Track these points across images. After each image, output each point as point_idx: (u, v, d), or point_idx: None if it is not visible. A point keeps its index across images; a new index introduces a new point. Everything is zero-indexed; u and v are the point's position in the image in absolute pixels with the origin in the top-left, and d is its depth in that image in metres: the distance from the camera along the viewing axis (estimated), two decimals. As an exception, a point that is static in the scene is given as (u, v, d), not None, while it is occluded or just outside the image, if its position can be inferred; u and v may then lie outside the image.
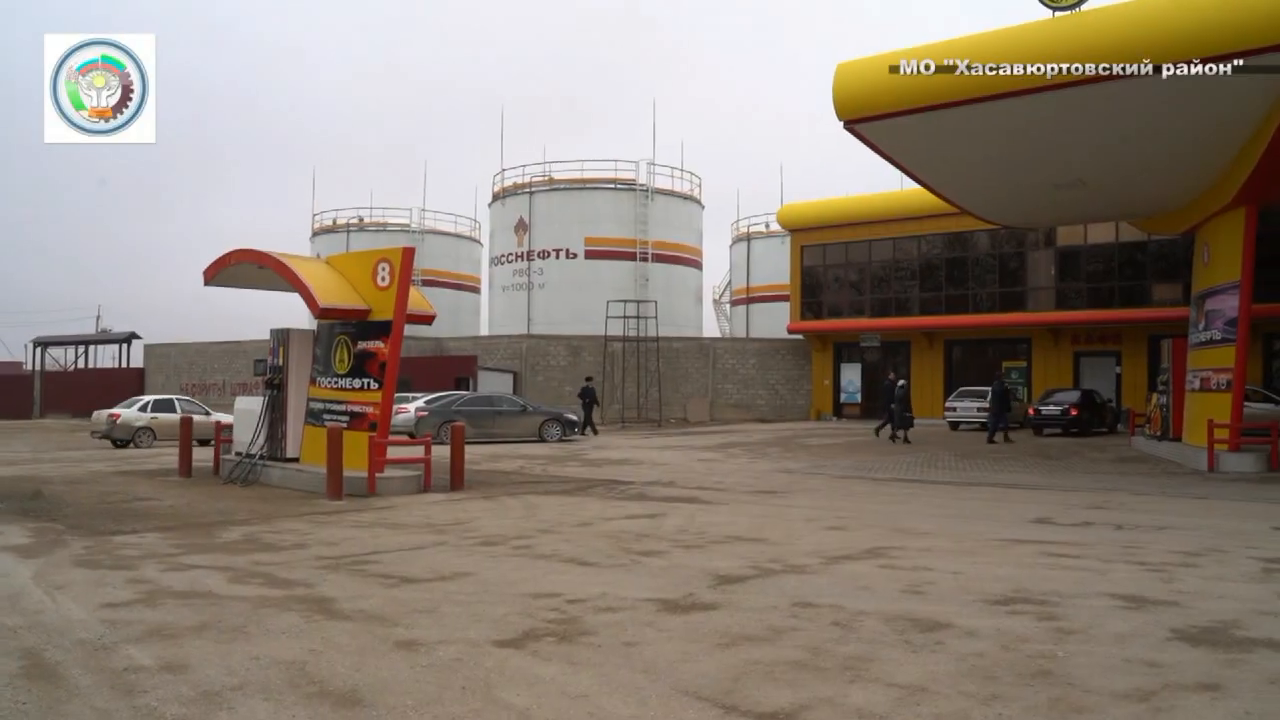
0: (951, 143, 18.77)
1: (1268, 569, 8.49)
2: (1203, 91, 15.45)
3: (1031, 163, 20.22)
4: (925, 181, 22.18)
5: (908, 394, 26.77)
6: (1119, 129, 17.74)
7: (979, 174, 21.65)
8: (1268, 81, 14.92)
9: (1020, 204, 24.82)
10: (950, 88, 16.10)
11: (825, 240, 40.06)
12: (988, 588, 7.65)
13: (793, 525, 11.43)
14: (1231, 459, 18.13)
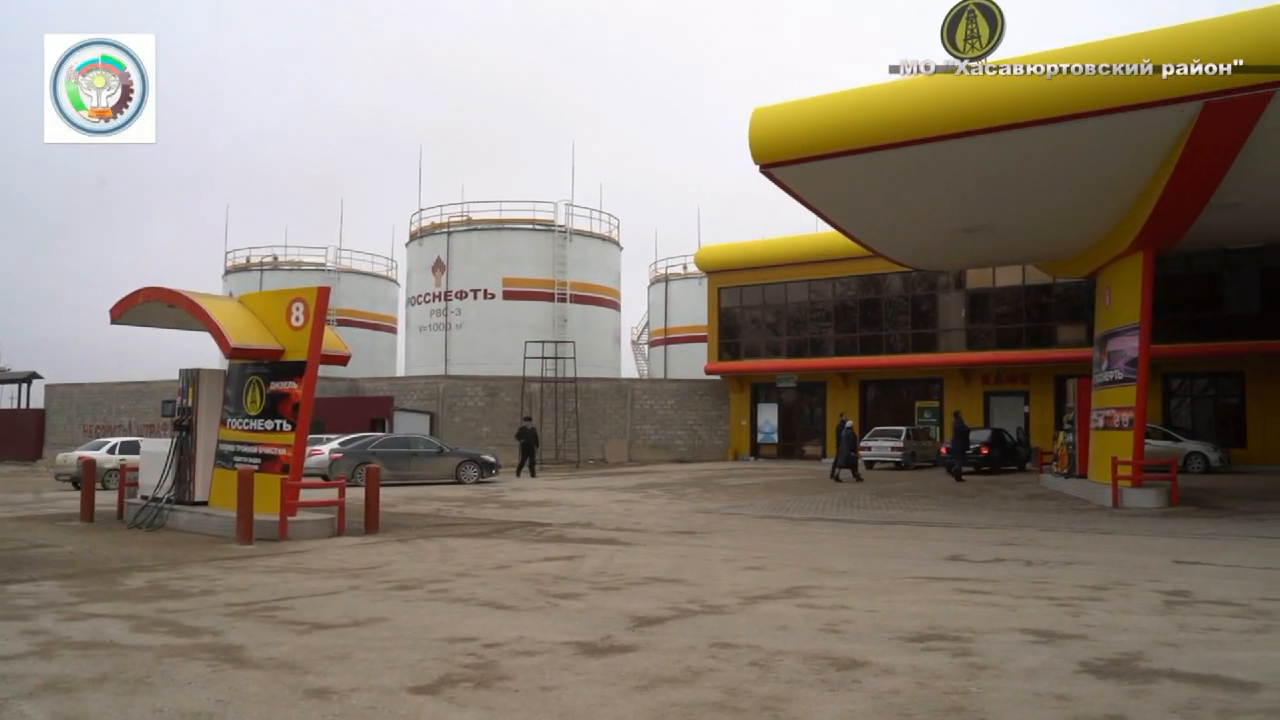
0: (863, 187, 19.17)
1: (1169, 601, 8.73)
2: (1102, 142, 16.06)
3: (941, 207, 20.73)
4: (839, 224, 22.59)
5: (853, 433, 27.18)
6: (1024, 176, 18.30)
7: (890, 218, 22.11)
8: (1161, 134, 15.54)
9: (931, 247, 25.40)
10: (860, 134, 16.48)
11: (742, 282, 40.52)
12: (903, 625, 7.73)
13: (711, 566, 11.44)
14: (1134, 495, 18.65)
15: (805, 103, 17.44)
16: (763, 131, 17.23)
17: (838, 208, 21.24)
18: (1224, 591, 9.25)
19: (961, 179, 18.52)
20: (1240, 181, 16.71)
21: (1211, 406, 32.88)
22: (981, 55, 15.67)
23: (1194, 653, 6.78)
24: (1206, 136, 15.02)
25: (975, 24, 15.70)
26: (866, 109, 16.53)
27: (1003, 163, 17.39)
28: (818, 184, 19.01)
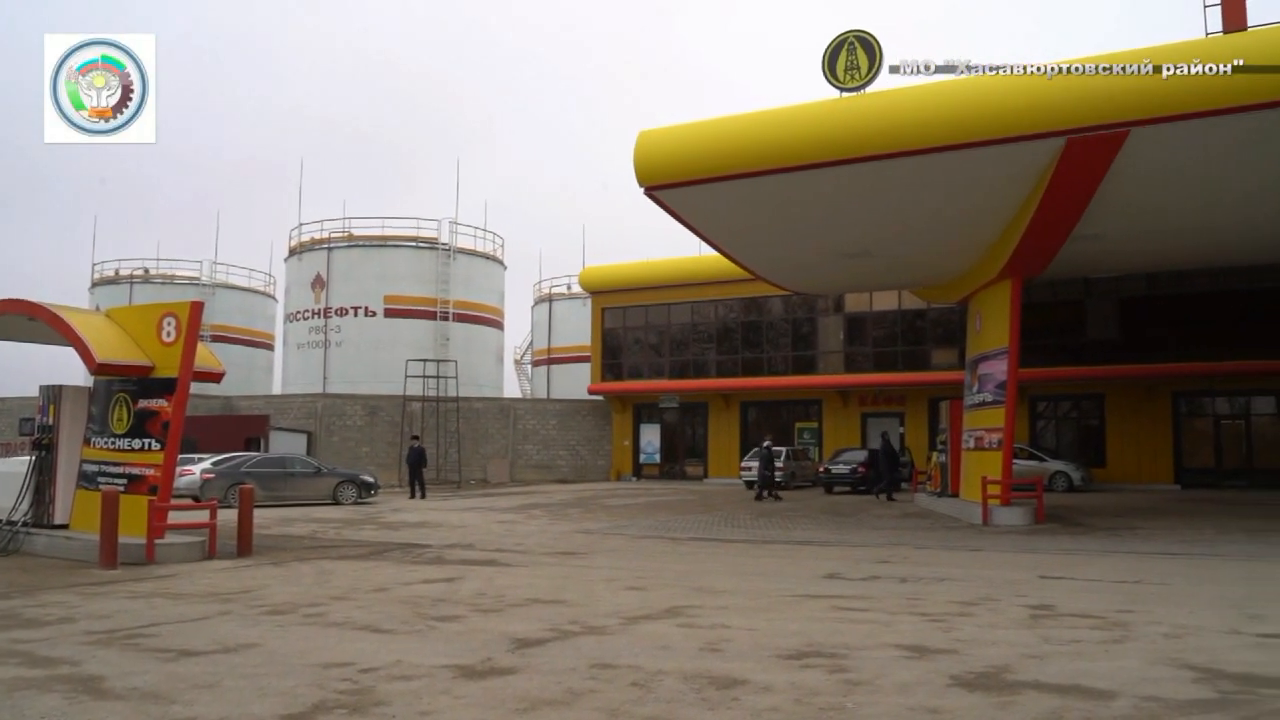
0: (745, 211, 19.48)
1: (1035, 615, 9.05)
2: (973, 174, 16.68)
3: (820, 233, 21.20)
4: (721, 248, 22.91)
5: (768, 453, 27.68)
6: (899, 205, 18.85)
7: (772, 242, 22.52)
8: (1028, 169, 16.21)
9: (811, 271, 25.94)
10: (744, 159, 16.78)
11: (626, 303, 40.72)
12: (782, 643, 7.84)
13: (592, 586, 11.42)
14: (1003, 513, 19.29)
15: (690, 126, 17.68)
16: (648, 154, 17.39)
17: (720, 231, 21.55)
18: (1085, 604, 9.63)
19: (841, 206, 18.98)
20: (1100, 215, 17.52)
21: (1074, 428, 34.30)
22: (861, 86, 16.15)
23: (1057, 664, 7.04)
24: (1069, 171, 15.72)
25: (855, 55, 16.17)
26: (750, 135, 16.85)
27: (881, 191, 17.89)
28: (701, 207, 19.25)
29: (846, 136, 16.03)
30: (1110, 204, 17.14)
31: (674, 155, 17.43)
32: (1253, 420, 31.86)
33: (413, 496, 29.51)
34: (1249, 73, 13.54)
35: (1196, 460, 31.90)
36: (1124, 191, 16.75)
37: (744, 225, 20.92)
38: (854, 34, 16.29)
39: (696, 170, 17.24)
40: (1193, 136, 14.81)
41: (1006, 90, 15.34)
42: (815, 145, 16.27)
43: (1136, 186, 16.78)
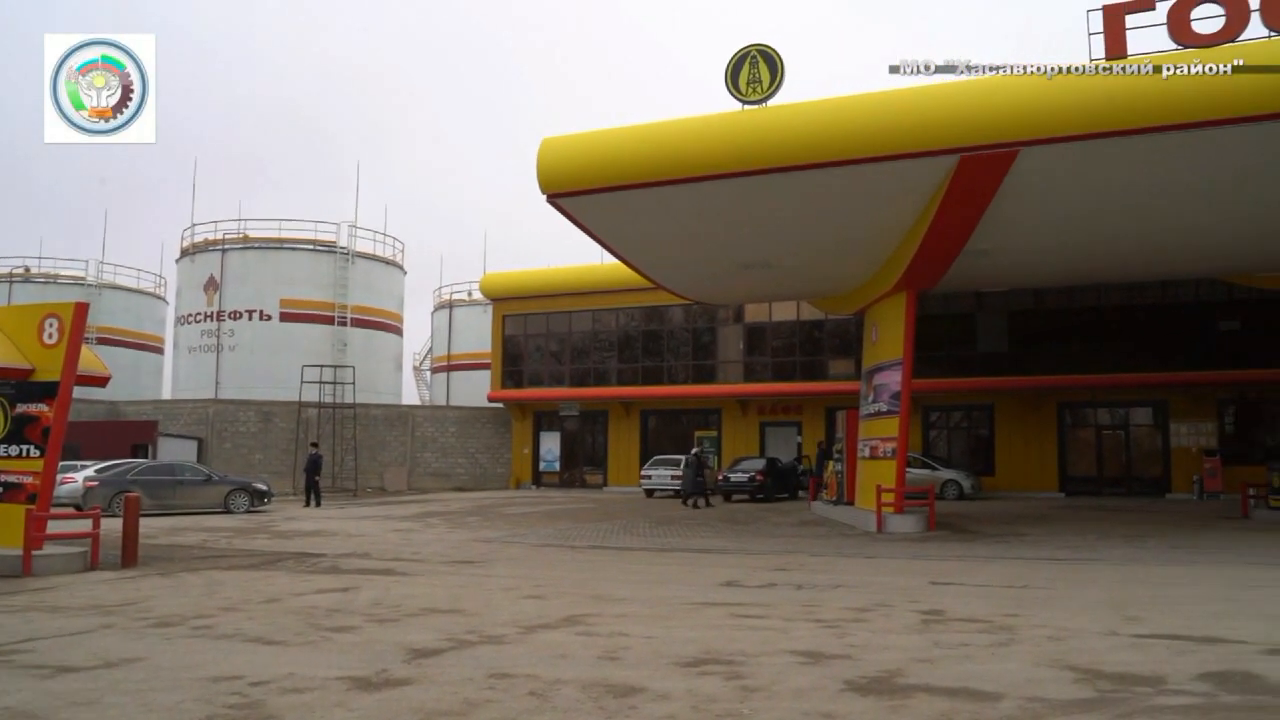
0: (647, 221, 19.59)
1: (926, 620, 9.27)
2: (870, 188, 17.04)
3: (721, 243, 21.42)
4: (623, 256, 22.98)
5: (698, 460, 28.15)
6: (798, 217, 19.14)
7: (673, 252, 22.67)
8: (923, 184, 16.62)
9: (712, 281, 26.18)
10: (646, 168, 16.87)
11: (527, 310, 40.56)
12: (680, 650, 7.88)
13: (490, 595, 11.34)
14: (896, 520, 19.70)
15: (594, 135, 17.71)
16: (551, 161, 17.36)
17: (622, 240, 21.62)
18: (974, 609, 9.89)
19: (742, 217, 19.20)
20: (991, 231, 18.05)
21: (966, 437, 35.22)
22: (763, 99, 16.38)
23: (947, 667, 7.22)
24: (962, 188, 16.16)
25: (757, 69, 16.40)
26: (653, 145, 16.94)
27: (781, 203, 18.15)
28: (603, 216, 19.30)
29: (747, 149, 16.23)
30: (1001, 220, 17.67)
31: (577, 163, 17.44)
32: (1131, 430, 33.13)
33: (308, 505, 28.92)
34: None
35: (1080, 468, 33.04)
36: (1014, 209, 17.29)
37: (646, 234, 21.03)
38: (756, 48, 16.52)
39: (599, 179, 17.27)
40: (1078, 157, 15.38)
41: (903, 107, 15.72)
42: (717, 157, 16.43)
43: (1025, 204, 17.34)
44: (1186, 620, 9.18)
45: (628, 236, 21.30)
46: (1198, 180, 16.69)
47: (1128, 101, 14.32)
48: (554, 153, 17.42)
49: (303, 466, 30.88)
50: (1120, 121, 14.36)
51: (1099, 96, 14.49)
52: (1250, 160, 15.62)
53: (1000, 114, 15.04)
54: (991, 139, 15.05)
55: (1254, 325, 30.63)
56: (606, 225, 20.13)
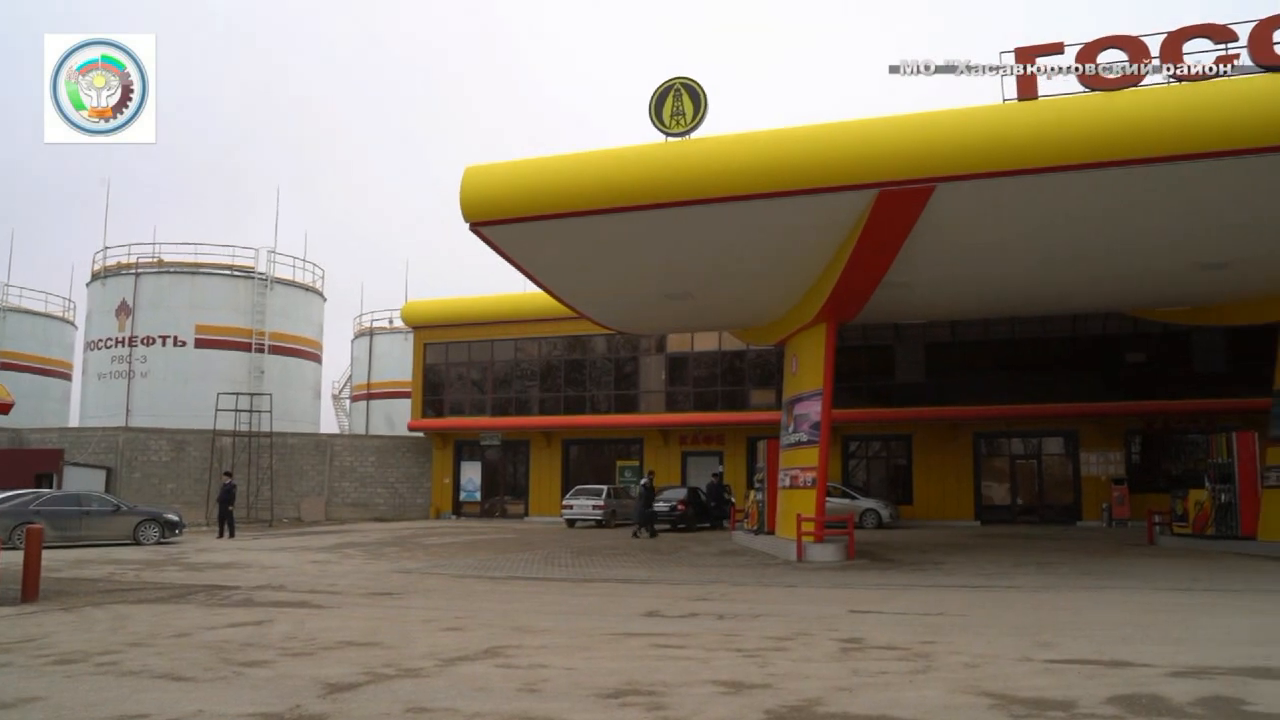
0: (570, 250, 19.61)
1: (845, 649, 9.35)
2: (791, 221, 17.28)
3: (644, 274, 21.52)
4: (546, 286, 22.95)
5: (650, 490, 28.47)
6: (721, 248, 19.32)
7: (596, 281, 22.71)
8: (843, 218, 16.91)
9: (634, 311, 26.27)
10: (569, 199, 16.90)
11: (449, 339, 40.26)
12: (601, 682, 7.84)
13: (409, 627, 11.17)
14: (816, 549, 19.87)
15: (518, 164, 17.71)
16: (474, 190, 17.31)
17: (545, 269, 21.60)
18: (892, 637, 10.01)
19: (665, 248, 19.32)
20: (909, 264, 18.43)
21: (884, 466, 35.72)
22: (687, 131, 16.55)
23: (866, 695, 7.28)
24: (881, 222, 16.48)
25: (681, 102, 16.58)
26: (577, 175, 16.99)
27: (703, 234, 18.31)
28: (526, 245, 19.27)
29: (670, 180, 16.37)
30: (918, 254, 18.04)
31: (500, 192, 17.41)
32: (1044, 460, 33.94)
33: (221, 536, 28.21)
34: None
35: (994, 497, 33.74)
36: (931, 242, 17.67)
37: (569, 264, 21.04)
38: (680, 81, 16.71)
39: (522, 208, 17.25)
40: (991, 194, 15.80)
41: (824, 142, 16.01)
42: (640, 188, 16.53)
43: (942, 238, 17.74)
44: (1096, 645, 9.39)
45: (550, 266, 21.29)
46: (1101, 218, 17.26)
47: (1038, 141, 14.79)
48: (477, 181, 17.38)
49: (216, 497, 30.16)
50: (1030, 160, 14.81)
51: (1011, 136, 14.94)
52: (1150, 199, 16.20)
53: (918, 150, 15.39)
54: (909, 174, 15.37)
55: (1159, 358, 31.70)
56: (529, 254, 20.10)
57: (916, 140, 15.46)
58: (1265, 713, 6.66)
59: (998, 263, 20.21)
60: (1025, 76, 15.03)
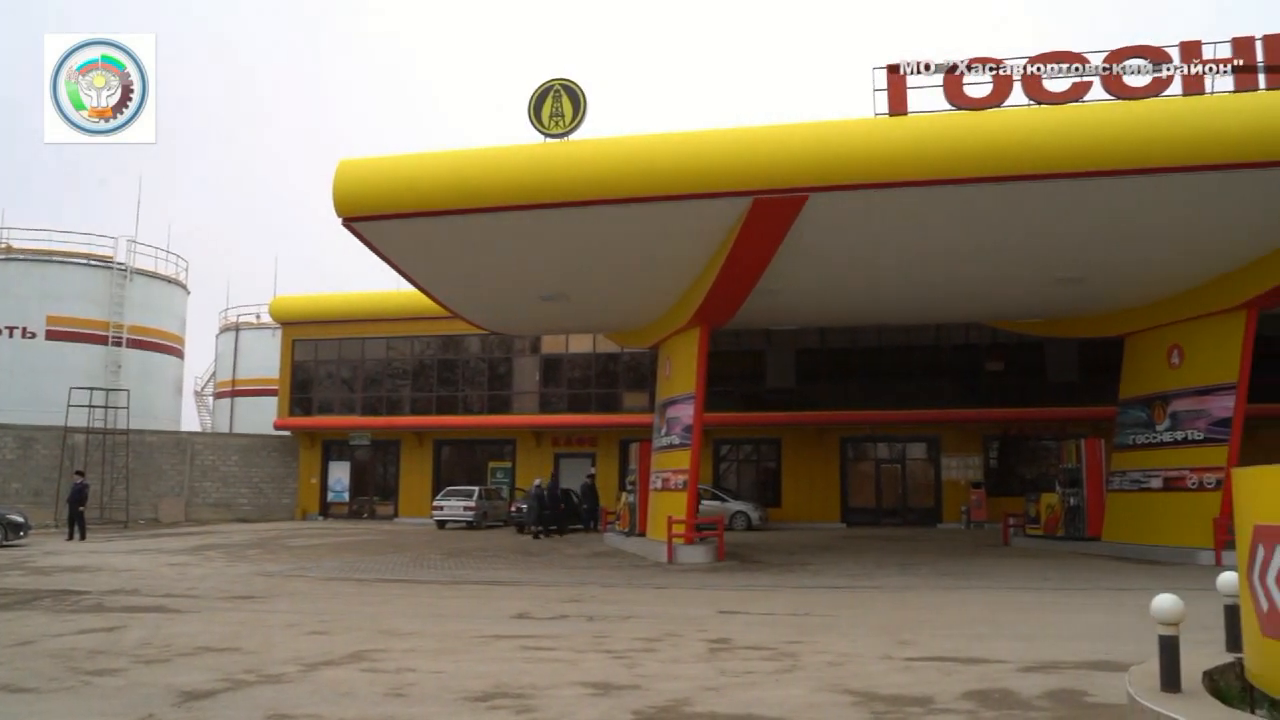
0: (445, 249, 19.39)
1: (713, 649, 9.47)
2: (667, 226, 17.43)
3: (519, 274, 21.40)
4: (420, 284, 22.63)
5: (542, 492, 28.63)
6: (596, 251, 19.37)
7: (471, 281, 22.49)
8: (718, 224, 17.12)
9: (509, 312, 26.12)
10: (444, 197, 16.70)
11: (319, 335, 39.33)
12: (469, 685, 7.77)
13: (271, 632, 10.88)
14: (687, 551, 20.08)
15: (393, 159, 17.43)
16: (348, 184, 16.95)
17: (419, 268, 21.31)
18: (759, 637, 10.18)
19: (541, 249, 19.27)
20: (781, 271, 18.77)
21: (754, 470, 36.27)
22: (565, 133, 16.54)
23: (732, 694, 7.40)
24: (755, 229, 16.74)
25: (560, 103, 16.57)
26: (454, 173, 16.80)
27: (579, 236, 18.32)
28: (400, 242, 18.97)
29: (547, 182, 16.33)
30: (791, 261, 18.39)
31: (375, 187, 17.10)
32: (908, 464, 34.95)
33: (71, 538, 26.97)
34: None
35: (860, 500, 34.58)
36: (803, 251, 18.03)
37: (443, 262, 20.81)
38: (560, 82, 16.71)
39: (397, 204, 16.99)
40: (861, 205, 16.23)
41: (701, 148, 16.20)
42: (517, 188, 16.45)
43: (814, 247, 18.12)
44: (954, 643, 9.74)
45: (425, 264, 21.02)
46: (964, 232, 17.92)
47: (905, 155, 15.26)
48: (351, 176, 17.03)
49: (66, 497, 28.82)
50: (898, 174, 15.28)
51: (880, 149, 15.38)
52: (1010, 215, 16.90)
53: (793, 160, 15.70)
54: (784, 183, 15.67)
55: (1016, 367, 32.97)
56: (403, 252, 19.80)
57: (791, 150, 15.78)
58: (1104, 703, 7.01)
59: (866, 272, 20.78)
60: (896, 92, 15.48)
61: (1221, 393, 20.19)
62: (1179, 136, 14.79)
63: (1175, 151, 14.76)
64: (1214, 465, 19.96)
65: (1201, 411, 20.65)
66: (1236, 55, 14.94)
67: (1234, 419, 19.78)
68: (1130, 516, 22.15)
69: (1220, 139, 14.66)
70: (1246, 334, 19.79)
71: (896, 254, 19.36)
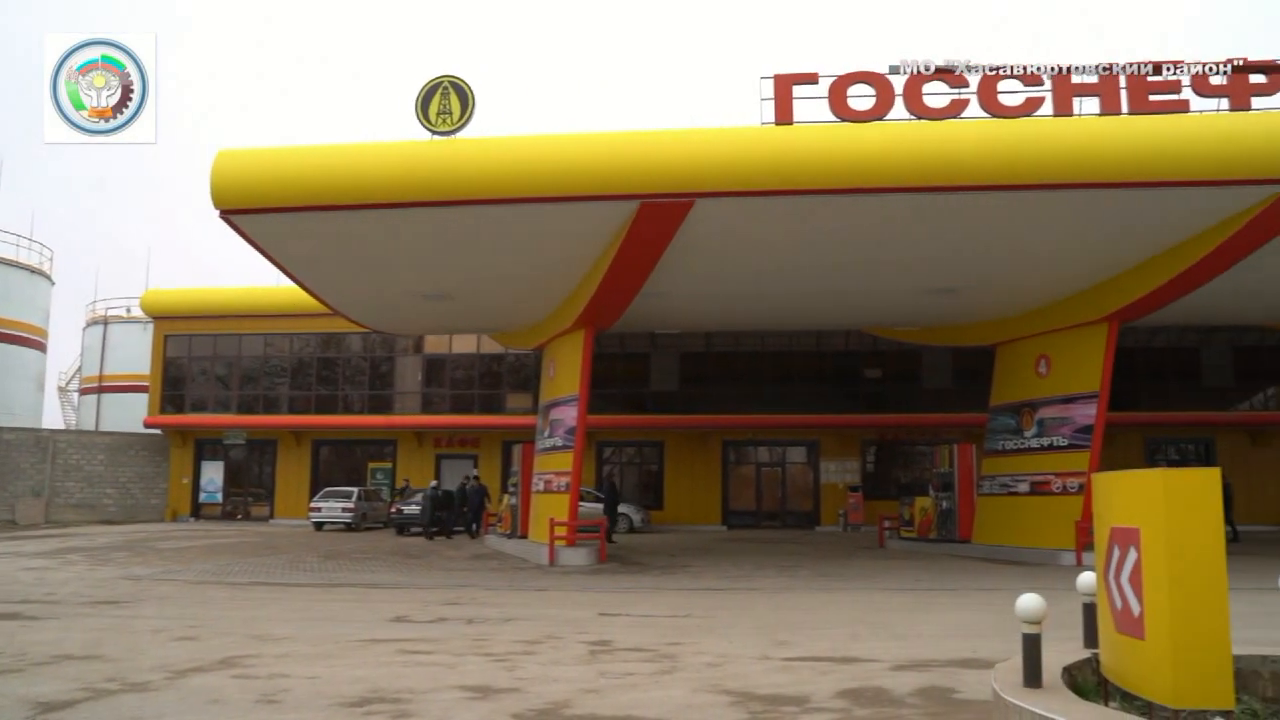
0: (327, 245, 18.98)
1: (594, 651, 9.49)
2: (553, 227, 17.40)
3: (403, 273, 21.09)
4: (300, 280, 22.10)
5: (437, 494, 28.44)
6: (482, 251, 19.20)
7: (353, 278, 22.07)
8: (605, 227, 17.15)
9: (392, 310, 25.70)
10: (327, 191, 16.32)
11: (193, 331, 38.06)
12: (344, 690, 7.63)
13: (137, 638, 10.49)
14: (568, 553, 20.06)
15: (275, 151, 16.97)
16: (226, 176, 16.45)
17: (299, 263, 20.81)
18: (639, 639, 10.23)
19: (425, 247, 19.04)
20: (666, 275, 18.91)
21: (637, 472, 36.41)
22: (453, 130, 16.34)
23: (612, 697, 7.42)
24: (641, 233, 16.83)
25: (448, 100, 16.37)
26: (337, 167, 16.45)
27: (464, 236, 18.14)
28: (280, 237, 18.51)
29: (432, 180, 16.12)
30: (676, 265, 18.54)
31: (255, 180, 16.62)
32: (788, 468, 35.54)
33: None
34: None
35: (741, 503, 35.02)
36: (689, 255, 18.19)
37: (325, 259, 20.36)
38: (449, 79, 16.50)
39: (277, 198, 16.55)
40: (745, 212, 16.45)
41: (588, 151, 16.20)
42: (401, 185, 16.20)
43: (699, 252, 18.30)
44: (830, 643, 9.94)
45: (305, 260, 20.54)
46: (845, 241, 18.34)
47: (788, 164, 15.53)
48: (230, 167, 16.53)
49: None
50: (781, 182, 15.54)
51: (766, 157, 15.62)
52: (888, 226, 17.35)
53: (680, 165, 15.81)
54: (671, 188, 15.78)
55: (893, 373, 33.85)
56: (283, 247, 19.32)
57: (678, 155, 15.90)
58: (971, 699, 7.26)
59: (750, 278, 21.07)
60: (783, 101, 15.72)
61: (1084, 401, 21.06)
62: (1046, 156, 15.39)
63: (1043, 170, 15.36)
64: (1077, 470, 20.81)
65: (1066, 419, 21.50)
66: (1101, 82, 15.60)
67: (1095, 426, 20.65)
68: (999, 519, 22.94)
69: (1085, 159, 15.33)
70: (1108, 345, 20.69)
71: (779, 261, 19.68)
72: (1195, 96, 15.52)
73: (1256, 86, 15.41)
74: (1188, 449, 34.23)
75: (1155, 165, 15.21)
